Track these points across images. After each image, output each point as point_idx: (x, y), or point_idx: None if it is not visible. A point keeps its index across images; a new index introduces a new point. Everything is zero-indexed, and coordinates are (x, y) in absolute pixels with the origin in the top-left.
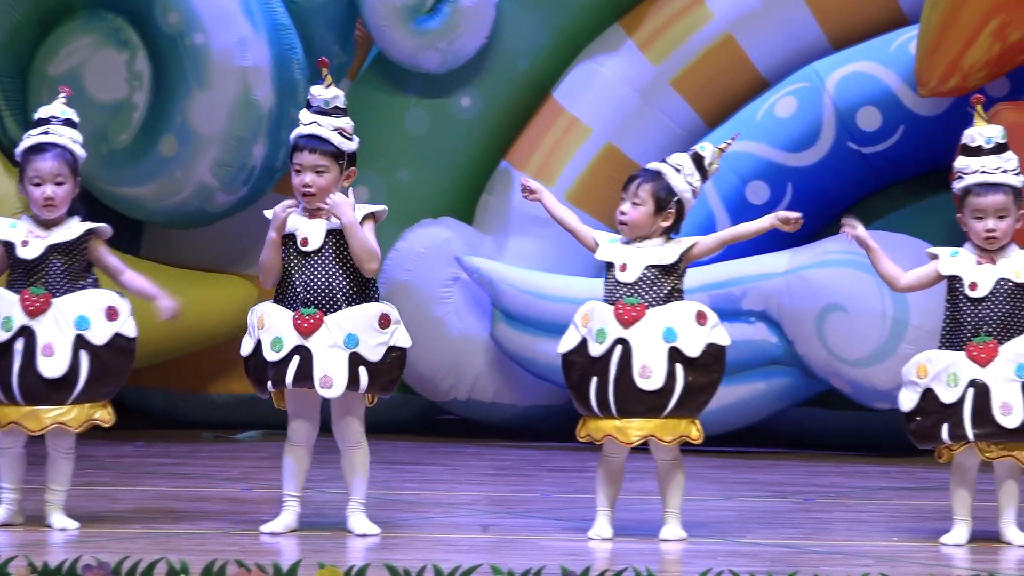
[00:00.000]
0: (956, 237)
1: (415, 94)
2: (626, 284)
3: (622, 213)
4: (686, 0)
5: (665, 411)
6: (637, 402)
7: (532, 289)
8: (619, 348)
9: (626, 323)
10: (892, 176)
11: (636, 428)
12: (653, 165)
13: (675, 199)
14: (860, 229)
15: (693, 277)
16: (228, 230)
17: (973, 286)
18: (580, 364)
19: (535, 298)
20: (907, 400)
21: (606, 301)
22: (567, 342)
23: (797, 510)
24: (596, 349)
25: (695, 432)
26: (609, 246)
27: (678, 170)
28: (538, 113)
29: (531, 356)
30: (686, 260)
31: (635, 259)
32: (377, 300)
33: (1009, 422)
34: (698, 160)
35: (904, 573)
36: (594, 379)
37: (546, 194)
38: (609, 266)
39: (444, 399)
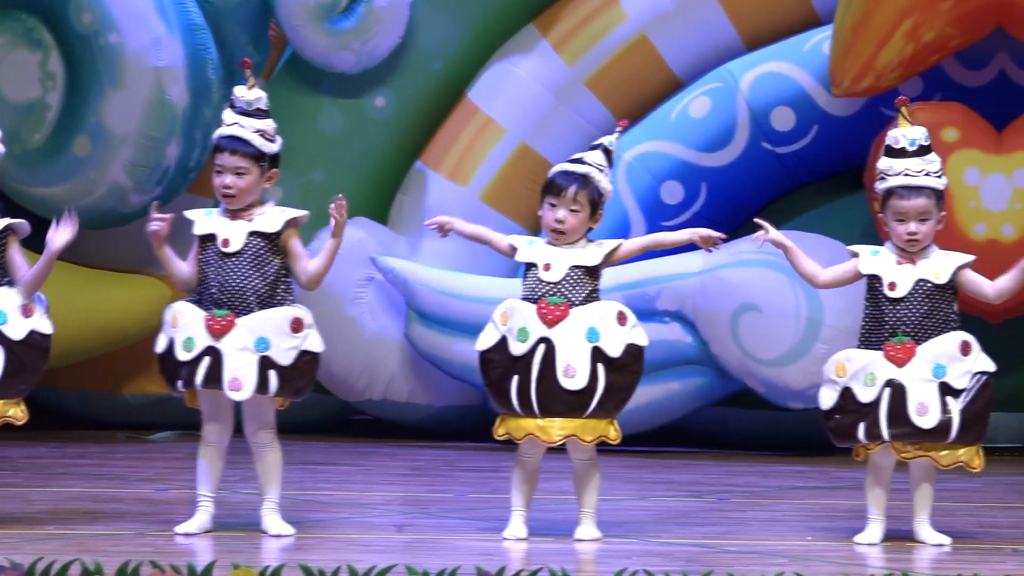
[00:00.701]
0: (870, 236)
1: (329, 94)
2: (550, 283)
3: (559, 221)
4: (600, 1)
5: (587, 411)
6: (560, 401)
7: (446, 289)
8: (542, 347)
9: (550, 322)
10: (806, 176)
11: (558, 427)
12: (577, 168)
13: (602, 200)
14: (773, 232)
15: (608, 277)
16: (142, 231)
17: (892, 286)
18: (500, 362)
19: (449, 298)
20: (826, 398)
21: (527, 300)
22: (485, 340)
23: (712, 509)
24: (518, 348)
25: (613, 432)
26: (529, 247)
27: (601, 170)
28: (452, 113)
29: (446, 356)
30: (607, 262)
31: (559, 259)
32: (290, 304)
33: (925, 423)
34: (608, 153)
35: (818, 572)
36: (515, 377)
37: (454, 221)
38: (531, 265)
39: (359, 399)
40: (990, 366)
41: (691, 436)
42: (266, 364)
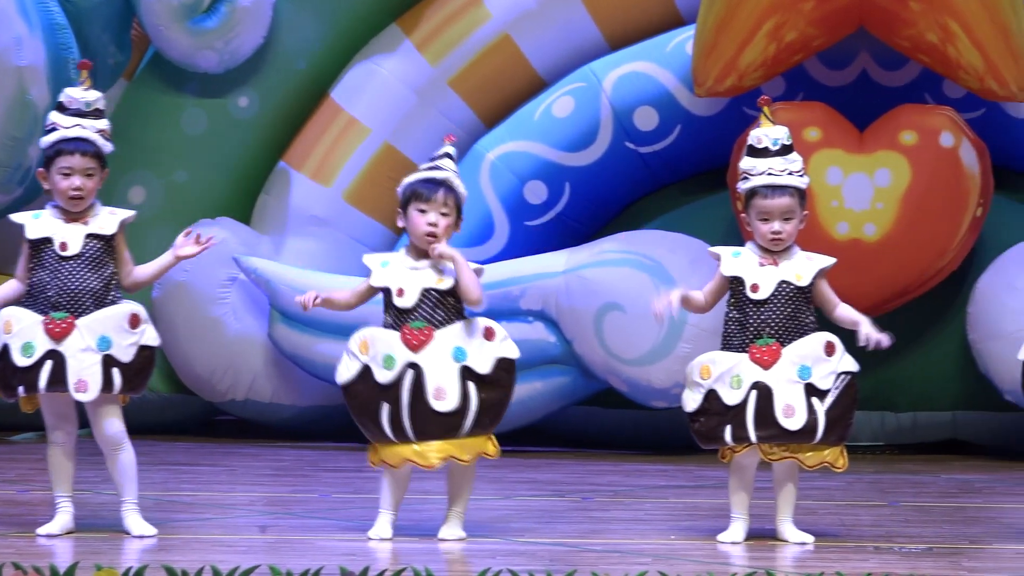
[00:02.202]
0: (732, 236)
1: (192, 94)
2: (406, 310)
3: (432, 225)
4: (463, 0)
5: (462, 431)
6: (434, 424)
7: (310, 289)
8: (410, 373)
9: (415, 347)
10: (669, 175)
11: (436, 451)
12: (438, 174)
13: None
14: (664, 300)
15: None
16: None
17: (755, 288)
18: (366, 392)
19: None
20: (690, 400)
21: (389, 327)
22: (346, 372)
23: (575, 509)
24: (384, 376)
25: (492, 448)
26: (383, 270)
27: (457, 175)
28: (316, 113)
29: (309, 356)
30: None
31: (411, 283)
32: (122, 301)
33: (792, 424)
34: (454, 160)
35: (682, 571)
36: (385, 406)
37: (321, 294)
38: (386, 291)
39: (222, 400)
40: (854, 366)
41: (555, 435)
42: (109, 363)
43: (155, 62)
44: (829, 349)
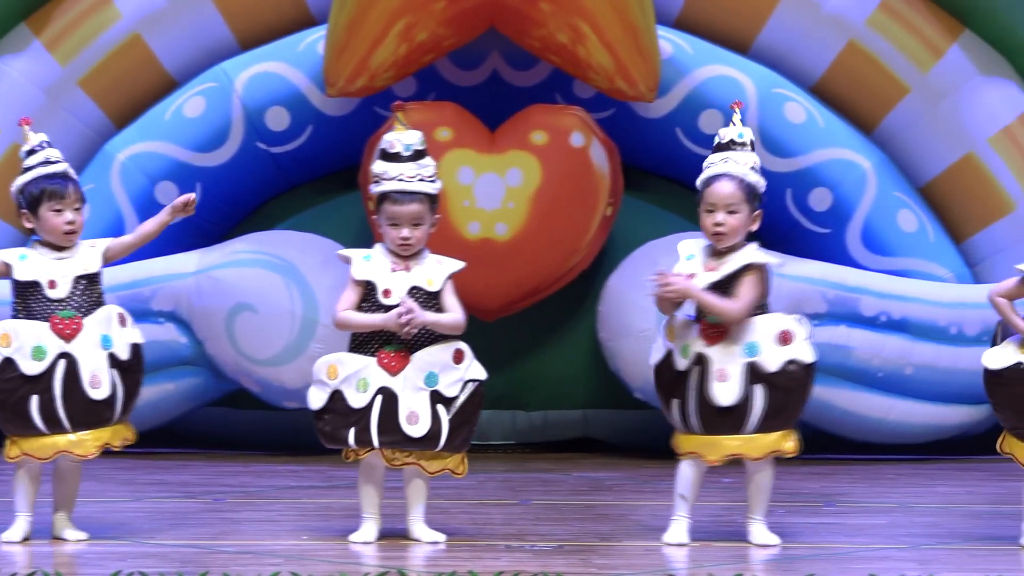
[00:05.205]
0: (364, 236)
1: None
2: (57, 300)
3: (70, 223)
4: (93, 0)
5: (114, 418)
6: (89, 413)
7: None
8: (63, 363)
9: (67, 336)
10: (301, 176)
11: (92, 439)
12: (58, 168)
13: None
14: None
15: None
16: None
17: (387, 293)
18: (12, 381)
19: None
20: (316, 399)
21: (34, 318)
22: None
23: (207, 510)
24: (34, 367)
25: (130, 433)
26: (21, 263)
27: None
28: None
29: None
30: (104, 263)
31: (63, 273)
32: None
33: (415, 431)
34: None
35: (314, 571)
36: (35, 397)
37: None
38: (33, 283)
39: None
40: (481, 374)
41: (186, 437)
42: None
43: None
44: (457, 357)
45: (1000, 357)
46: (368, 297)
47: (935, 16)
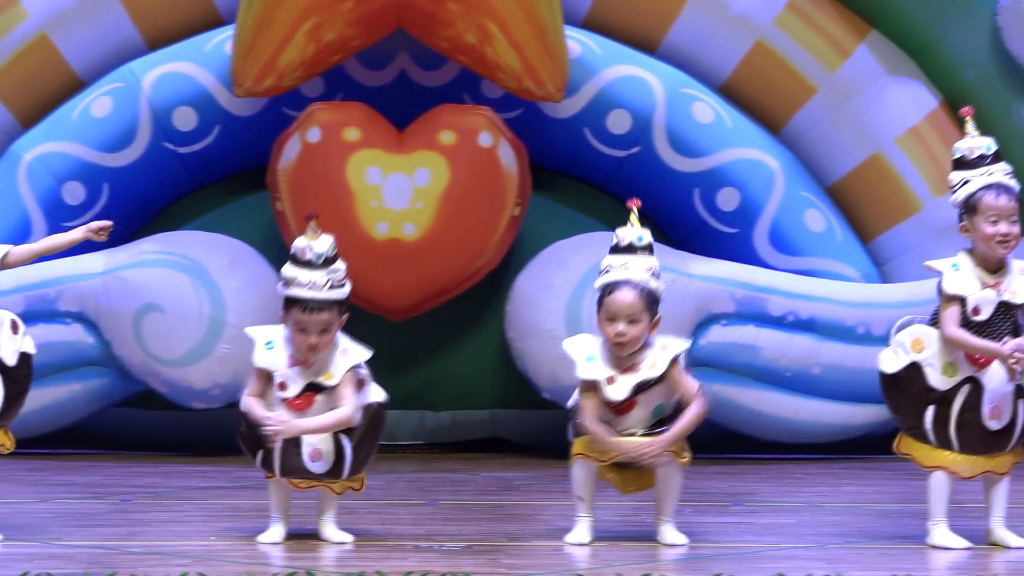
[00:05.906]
0: (271, 237)
1: None
2: None
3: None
4: None
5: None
6: None
7: None
8: None
9: None
10: (208, 176)
11: None
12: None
13: None
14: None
15: (7, 279)
16: None
17: (282, 386)
18: None
19: None
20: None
21: None
22: None
23: (114, 511)
24: None
25: (9, 442)
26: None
27: None
28: None
29: None
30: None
31: None
32: None
33: (318, 468)
34: None
35: (222, 572)
36: None
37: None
38: None
39: None
40: (380, 395)
41: (93, 437)
42: None
43: None
44: (359, 386)
45: (894, 359)
46: (271, 382)
47: (842, 16)
